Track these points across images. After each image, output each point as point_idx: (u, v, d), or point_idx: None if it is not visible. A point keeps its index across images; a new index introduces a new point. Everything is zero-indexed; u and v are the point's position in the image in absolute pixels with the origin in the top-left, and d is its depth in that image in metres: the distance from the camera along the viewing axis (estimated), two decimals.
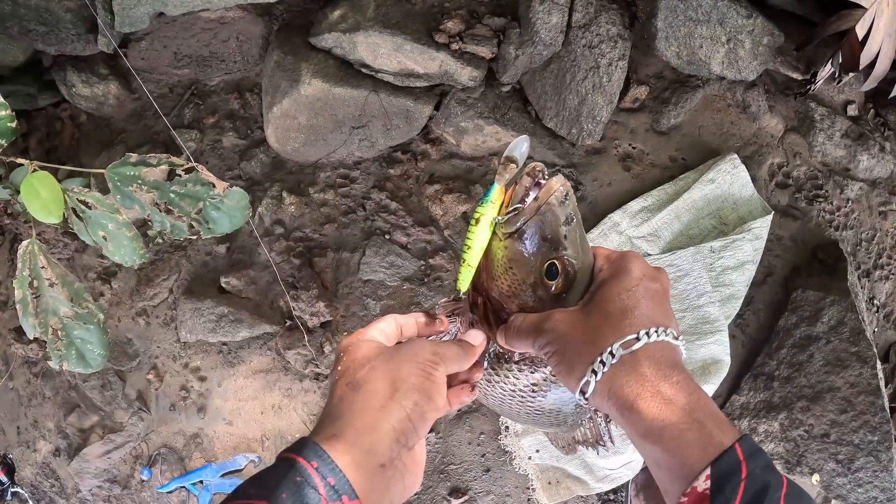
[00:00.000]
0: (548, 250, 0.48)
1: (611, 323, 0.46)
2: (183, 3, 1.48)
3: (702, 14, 1.41)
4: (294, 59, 1.43)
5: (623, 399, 0.44)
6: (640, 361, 0.45)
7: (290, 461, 0.40)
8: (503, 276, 0.51)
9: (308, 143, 1.47)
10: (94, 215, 0.95)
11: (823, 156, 1.59)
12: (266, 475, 0.40)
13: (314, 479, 0.39)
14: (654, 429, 0.43)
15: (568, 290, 0.50)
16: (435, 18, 1.40)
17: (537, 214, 0.48)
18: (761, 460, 0.40)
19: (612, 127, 1.48)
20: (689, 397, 0.43)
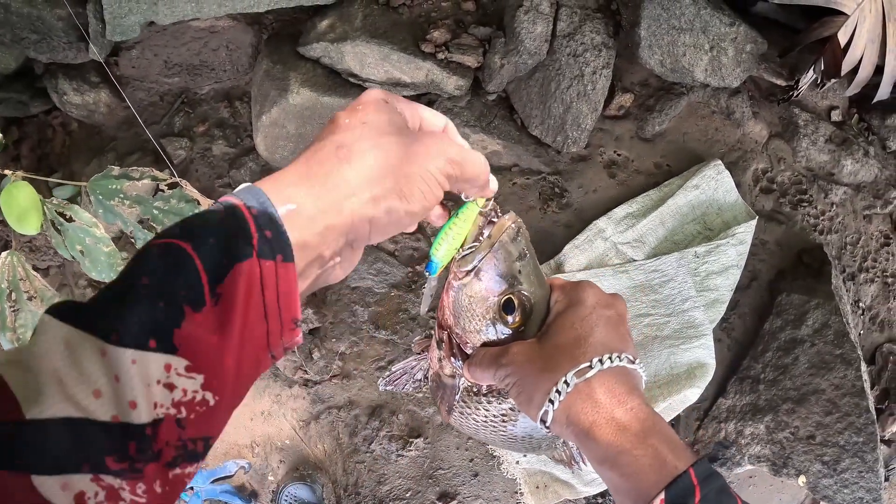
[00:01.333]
0: (504, 286, 0.50)
1: (565, 352, 0.47)
2: (173, 13, 1.49)
3: (685, 22, 1.43)
4: (283, 69, 1.44)
5: (579, 426, 0.45)
6: (595, 389, 0.46)
7: (229, 205, 0.33)
8: (464, 313, 0.53)
9: (297, 152, 1.48)
10: (72, 228, 0.94)
11: (808, 161, 1.61)
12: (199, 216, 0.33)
13: (250, 228, 0.32)
14: (610, 455, 0.43)
15: (525, 323, 0.51)
16: (422, 28, 1.41)
17: (491, 252, 0.50)
18: (716, 484, 0.41)
19: (597, 134, 1.50)
20: (644, 423, 0.44)
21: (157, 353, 0.29)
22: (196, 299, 0.30)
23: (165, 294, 0.30)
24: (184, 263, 0.30)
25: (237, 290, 0.31)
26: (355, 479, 1.46)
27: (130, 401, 0.28)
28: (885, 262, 1.67)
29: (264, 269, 0.32)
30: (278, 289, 0.33)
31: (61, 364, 0.28)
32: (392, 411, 1.46)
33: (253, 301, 0.32)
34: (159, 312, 0.29)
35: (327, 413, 1.47)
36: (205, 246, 0.31)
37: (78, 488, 0.26)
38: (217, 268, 0.31)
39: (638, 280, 1.41)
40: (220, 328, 0.31)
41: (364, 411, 1.46)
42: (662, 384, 1.37)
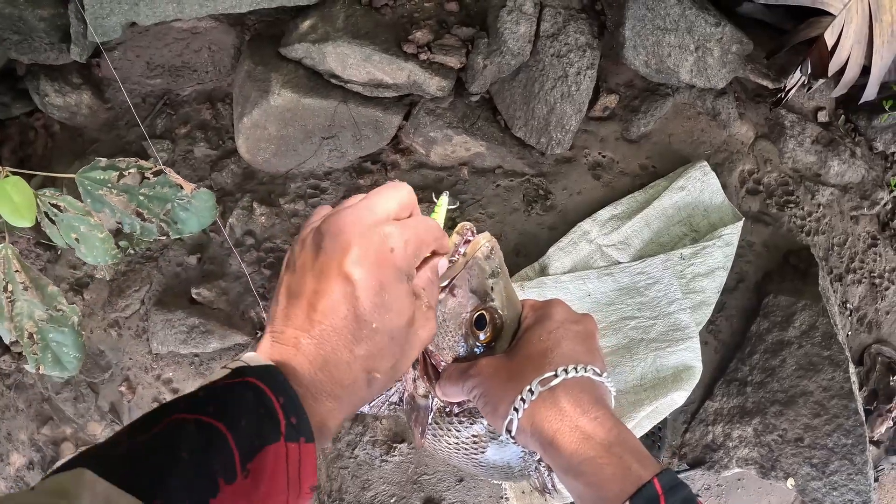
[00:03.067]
0: (476, 302, 0.52)
1: (532, 363, 0.48)
2: (155, 13, 1.48)
3: (670, 23, 1.42)
4: (264, 70, 1.42)
5: (543, 435, 0.45)
6: (559, 398, 0.46)
7: (256, 389, 0.37)
8: (438, 329, 0.53)
9: (278, 154, 1.47)
10: (66, 218, 0.98)
11: (794, 162, 1.61)
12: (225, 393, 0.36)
13: (278, 416, 0.37)
14: (574, 464, 0.43)
15: (496, 339, 0.53)
16: (404, 28, 1.40)
17: (465, 269, 0.51)
18: (681, 494, 0.41)
19: (582, 136, 1.49)
20: (609, 433, 0.44)
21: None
22: (229, 474, 0.35)
23: (203, 469, 0.34)
24: (219, 442, 0.35)
25: (265, 468, 0.36)
26: (339, 485, 1.44)
27: None
28: (873, 263, 1.67)
29: (290, 451, 0.37)
30: (300, 466, 0.37)
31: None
32: (375, 416, 1.44)
33: (278, 477, 0.37)
34: (198, 485, 0.33)
35: None
36: (237, 428, 0.35)
37: None
38: (249, 448, 0.35)
39: (623, 282, 1.39)
40: (248, 498, 0.35)
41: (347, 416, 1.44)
42: (649, 387, 1.36)
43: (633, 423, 1.32)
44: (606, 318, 1.39)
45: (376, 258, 0.39)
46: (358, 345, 0.39)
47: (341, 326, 0.39)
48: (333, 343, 0.39)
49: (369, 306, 0.39)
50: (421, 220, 0.44)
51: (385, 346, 0.40)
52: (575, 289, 1.38)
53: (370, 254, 0.39)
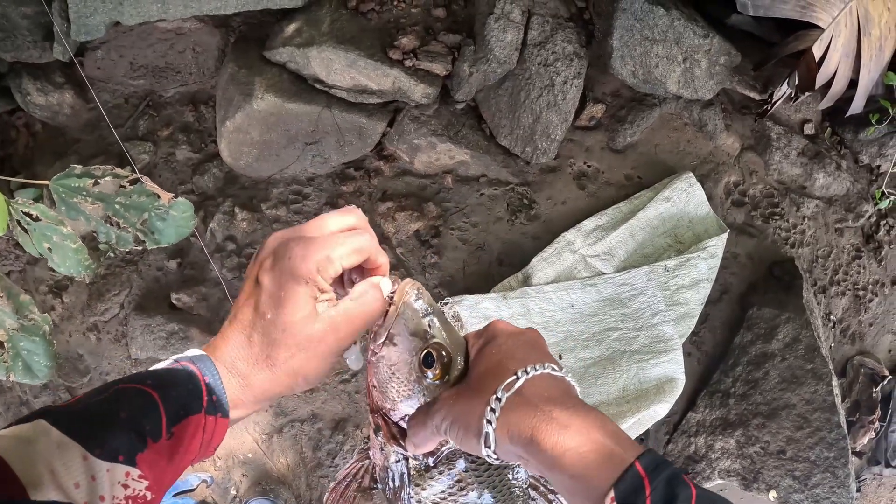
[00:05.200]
0: (418, 343, 0.52)
1: (490, 376, 0.48)
2: (139, 13, 1.46)
3: (658, 33, 1.42)
4: (248, 73, 1.41)
5: (522, 436, 0.45)
6: (528, 398, 0.46)
7: (191, 373, 0.46)
8: (388, 384, 0.54)
9: (261, 159, 1.45)
10: (39, 227, 0.96)
11: (780, 174, 1.61)
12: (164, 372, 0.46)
13: (202, 393, 0.46)
14: (557, 456, 0.43)
15: (448, 372, 0.53)
16: (390, 34, 1.39)
17: (399, 316, 0.52)
18: (665, 473, 0.40)
19: (568, 145, 1.48)
20: (585, 419, 0.44)
21: (123, 465, 0.41)
22: (156, 434, 0.43)
23: (136, 427, 0.42)
24: (152, 407, 0.44)
25: (186, 432, 0.45)
26: (319, 494, 1.43)
27: (101, 495, 0.40)
28: (857, 275, 1.67)
29: (207, 422, 0.46)
30: (213, 434, 0.47)
31: (56, 462, 0.39)
32: (356, 425, 1.43)
33: (195, 440, 0.46)
34: (130, 441, 0.42)
35: (290, 426, 1.43)
36: (168, 398, 0.44)
37: None
38: (175, 415, 0.44)
39: (607, 293, 1.39)
40: (169, 456, 0.44)
41: (327, 425, 1.43)
42: (631, 399, 1.35)
43: None
44: (589, 329, 1.38)
45: (279, 263, 0.47)
46: (255, 333, 0.47)
47: (247, 321, 0.47)
48: (241, 334, 0.47)
49: (266, 302, 0.47)
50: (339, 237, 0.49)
51: (279, 337, 0.46)
52: (558, 299, 1.38)
53: (275, 262, 0.47)
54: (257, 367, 0.47)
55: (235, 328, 0.48)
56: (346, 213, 0.51)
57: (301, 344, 0.47)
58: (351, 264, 0.49)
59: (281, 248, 0.47)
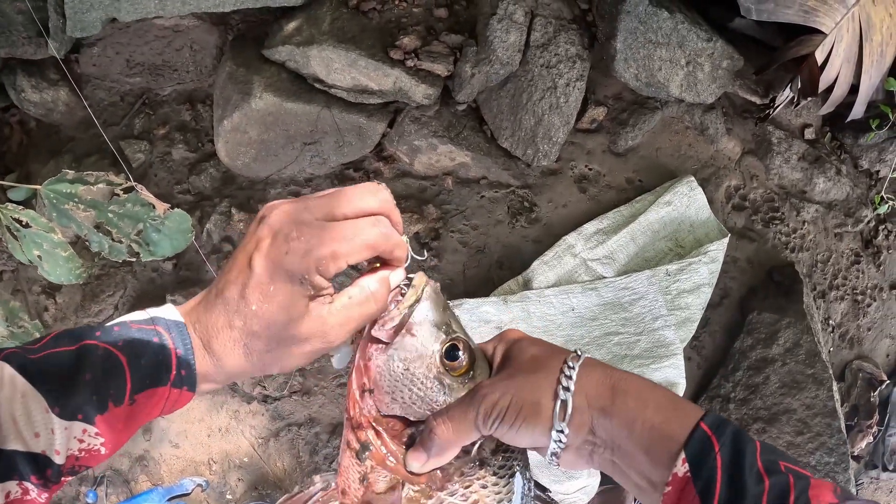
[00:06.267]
0: (441, 334, 0.47)
1: (543, 358, 0.47)
2: (136, 10, 1.43)
3: (661, 36, 1.41)
4: (246, 72, 1.39)
5: (604, 394, 0.44)
6: (594, 366, 0.46)
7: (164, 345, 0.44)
8: (399, 383, 0.46)
9: (259, 159, 1.43)
10: (29, 234, 0.93)
11: (780, 178, 1.60)
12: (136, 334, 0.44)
13: (172, 366, 0.44)
14: (640, 407, 0.43)
15: (472, 368, 0.48)
16: (391, 34, 1.37)
17: (419, 303, 0.46)
18: (730, 429, 0.41)
19: (569, 148, 1.47)
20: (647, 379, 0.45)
21: (81, 423, 0.42)
22: (118, 399, 0.43)
23: (99, 390, 0.42)
24: (118, 372, 0.43)
25: (149, 401, 0.44)
26: None
27: (56, 449, 0.41)
28: (856, 280, 1.67)
29: (171, 394, 0.45)
30: (175, 403, 0.46)
31: (19, 411, 0.40)
32: None
33: (156, 409, 0.45)
34: (91, 403, 0.42)
35: (287, 430, 1.42)
36: (136, 366, 0.43)
37: (8, 489, 0.40)
38: (141, 384, 0.43)
39: (608, 297, 1.38)
40: (127, 420, 0.44)
41: (325, 429, 1.41)
42: None
43: None
44: (590, 333, 1.37)
45: (275, 257, 0.42)
46: (237, 318, 0.44)
47: (232, 301, 0.44)
48: (223, 314, 0.45)
49: (254, 290, 0.43)
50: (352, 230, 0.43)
51: (260, 329, 0.43)
52: (559, 303, 1.36)
53: (272, 251, 0.43)
54: (233, 352, 0.44)
55: (219, 306, 0.44)
56: (369, 192, 0.44)
57: (283, 341, 0.44)
58: (360, 260, 0.44)
59: (282, 233, 0.42)
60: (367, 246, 0.43)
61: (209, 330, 0.45)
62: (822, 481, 0.40)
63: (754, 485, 0.39)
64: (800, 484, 0.39)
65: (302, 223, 0.42)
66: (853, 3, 1.46)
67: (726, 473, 0.40)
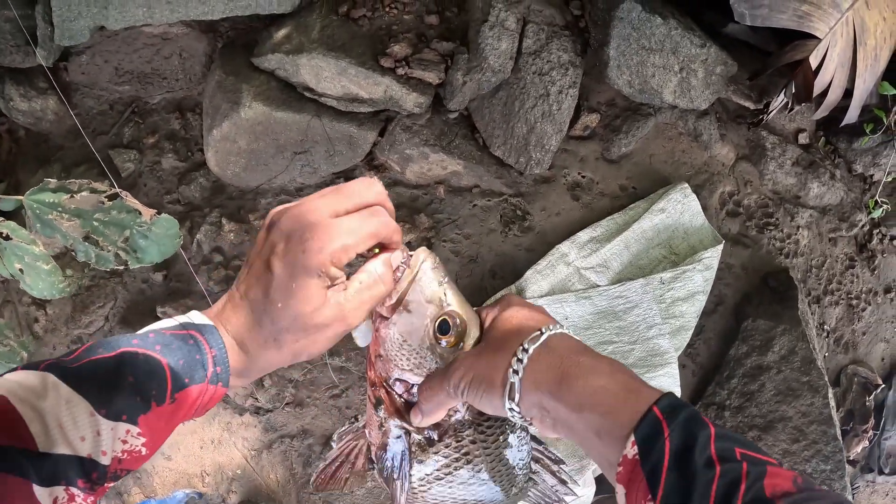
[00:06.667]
0: (434, 310, 0.52)
1: (512, 334, 0.50)
2: (124, 18, 1.42)
3: (655, 43, 1.40)
4: (235, 80, 1.37)
5: (551, 380, 0.46)
6: (553, 348, 0.48)
7: (200, 345, 0.48)
8: (399, 352, 0.53)
9: (249, 168, 1.42)
10: (10, 247, 0.91)
11: (774, 184, 1.60)
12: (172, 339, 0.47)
13: (208, 364, 0.47)
14: (587, 394, 0.44)
15: (462, 340, 0.53)
16: (382, 41, 1.36)
17: (414, 281, 0.51)
18: (683, 414, 0.41)
19: (562, 155, 1.46)
20: (610, 364, 0.46)
21: (125, 423, 0.44)
22: (160, 398, 0.46)
23: (142, 391, 0.45)
24: (159, 373, 0.46)
25: (188, 399, 0.47)
26: None
27: (103, 450, 0.43)
28: (850, 285, 1.67)
29: (209, 390, 0.48)
30: (210, 400, 0.49)
31: (65, 417, 0.42)
32: None
33: (194, 406, 0.48)
34: (135, 404, 0.44)
35: (280, 442, 1.41)
36: (175, 366, 0.46)
37: (55, 494, 0.41)
38: (180, 383, 0.46)
39: (601, 306, 1.37)
40: (168, 418, 0.47)
41: (318, 440, 1.40)
42: None
43: None
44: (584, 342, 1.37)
45: (293, 256, 0.46)
46: (266, 317, 0.48)
47: (258, 303, 0.48)
48: (251, 315, 0.48)
49: (277, 290, 0.47)
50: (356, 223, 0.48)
51: (289, 323, 0.47)
52: (552, 312, 1.35)
53: (289, 252, 0.46)
54: (264, 348, 0.49)
55: (245, 307, 0.48)
56: (364, 187, 0.49)
57: (309, 330, 0.48)
58: (366, 248, 0.49)
59: (295, 234, 0.46)
60: (371, 235, 0.48)
61: (240, 330, 0.49)
62: (782, 469, 0.39)
63: (704, 471, 0.39)
64: (755, 471, 0.38)
65: (312, 224, 0.46)
66: (847, 7, 1.45)
67: (674, 458, 0.40)
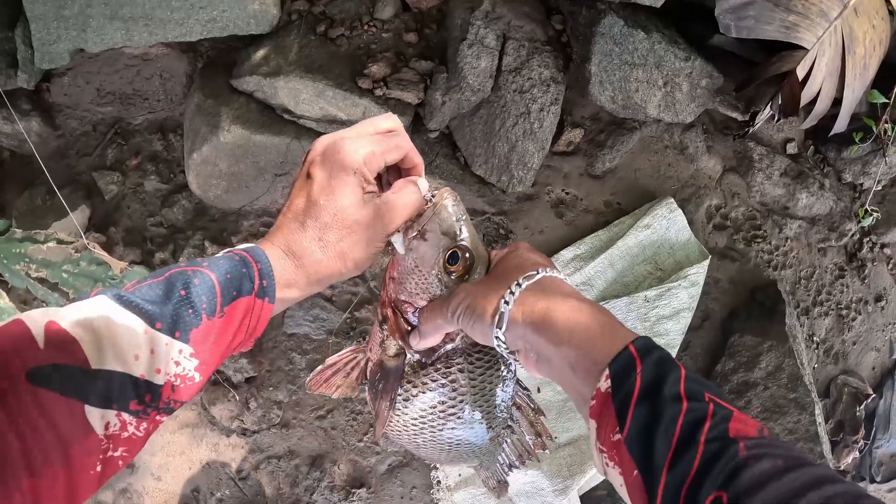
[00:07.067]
0: (448, 242, 0.56)
1: (512, 270, 0.54)
2: (103, 40, 1.42)
3: (637, 57, 1.38)
4: (215, 103, 1.37)
5: (535, 315, 0.49)
6: (545, 287, 0.51)
7: (244, 258, 0.49)
8: (410, 276, 0.57)
9: (230, 191, 1.41)
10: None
11: (762, 195, 1.58)
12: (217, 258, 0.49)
13: (255, 277, 0.48)
14: (568, 330, 0.47)
15: (468, 273, 0.57)
16: (360, 61, 1.35)
17: (434, 214, 0.56)
18: (656, 355, 0.44)
19: (545, 172, 1.45)
20: (594, 306, 0.49)
21: (178, 341, 0.44)
22: (211, 310, 0.46)
23: (194, 304, 0.45)
24: (208, 285, 0.46)
25: (236, 313, 0.47)
26: None
27: (157, 368, 0.43)
28: (840, 295, 1.65)
29: (256, 305, 0.49)
30: (259, 320, 0.50)
31: (118, 334, 0.41)
32: (333, 461, 1.41)
33: (243, 324, 0.48)
34: (188, 316, 0.44)
35: (267, 463, 1.41)
36: (223, 279, 0.47)
37: (107, 419, 0.41)
38: (229, 295, 0.47)
39: None
40: (218, 335, 0.46)
41: (304, 461, 1.40)
42: None
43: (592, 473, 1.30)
44: None
45: (330, 158, 0.51)
46: (308, 219, 0.50)
47: (301, 209, 0.51)
48: (295, 221, 0.51)
49: (318, 190, 0.51)
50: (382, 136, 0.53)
51: (330, 221, 0.50)
52: None
53: (327, 159, 0.51)
54: (310, 249, 0.51)
55: (289, 217, 0.52)
56: (385, 118, 0.55)
57: (350, 227, 0.51)
58: (393, 160, 0.54)
59: (331, 146, 0.52)
60: (397, 146, 0.53)
61: (287, 238, 0.51)
62: (748, 418, 0.40)
63: (670, 406, 0.40)
64: (721, 412, 0.40)
65: (345, 137, 0.52)
66: (836, 16, 1.43)
67: (644, 392, 0.42)
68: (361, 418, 1.41)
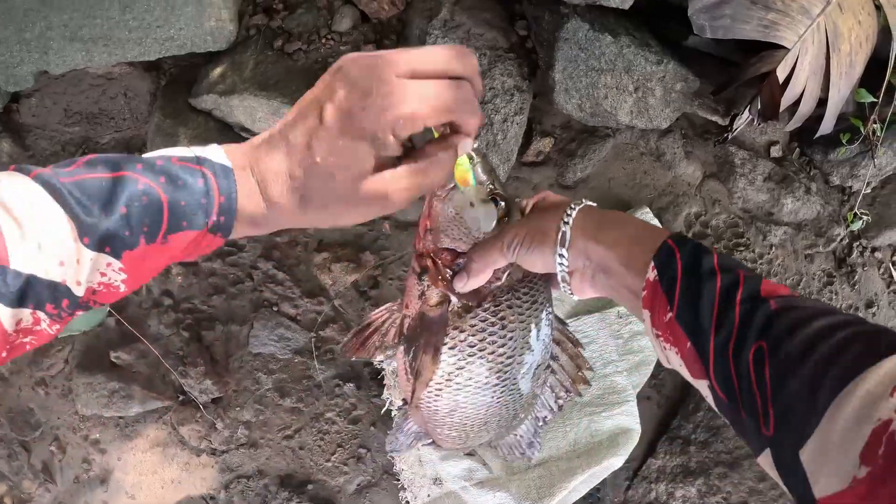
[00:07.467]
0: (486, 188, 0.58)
1: (555, 206, 0.60)
2: (65, 62, 1.42)
3: (605, 63, 1.32)
4: (173, 123, 1.35)
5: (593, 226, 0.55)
6: (591, 209, 0.57)
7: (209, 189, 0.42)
8: (452, 223, 0.59)
9: None
10: None
11: (745, 202, 1.52)
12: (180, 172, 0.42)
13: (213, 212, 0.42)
14: (618, 235, 0.54)
15: (508, 215, 0.61)
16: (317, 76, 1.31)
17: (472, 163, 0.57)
18: (691, 244, 0.51)
19: (513, 183, 1.41)
20: (633, 218, 0.57)
21: (108, 256, 0.40)
22: (152, 236, 0.41)
23: (133, 227, 0.40)
24: (155, 211, 0.41)
25: (180, 242, 0.42)
26: None
27: (78, 280, 0.40)
28: (829, 302, 1.58)
29: (206, 238, 0.44)
30: (205, 248, 0.45)
31: (45, 236, 0.38)
32: (302, 481, 1.39)
33: (185, 250, 0.43)
34: (123, 237, 0.40)
35: (236, 482, 1.41)
36: (176, 206, 0.41)
37: (20, 317, 0.39)
38: (176, 225, 0.41)
39: None
40: (155, 260, 0.42)
41: (273, 481, 1.39)
42: (582, 453, 1.30)
43: (566, 493, 1.27)
44: None
45: (350, 111, 0.40)
46: (298, 169, 0.42)
47: (295, 147, 0.42)
48: (284, 159, 0.42)
49: (322, 143, 0.41)
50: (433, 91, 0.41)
51: (322, 184, 0.42)
52: None
53: (347, 104, 0.40)
54: (288, 200, 0.43)
55: (282, 150, 0.42)
56: (458, 55, 0.43)
57: (342, 199, 0.43)
58: (435, 124, 0.43)
59: (359, 86, 0.40)
60: (446, 109, 0.42)
61: (267, 175, 0.43)
62: (778, 284, 0.46)
63: (708, 279, 0.47)
64: (752, 278, 0.46)
65: (382, 79, 0.40)
66: (818, 13, 1.36)
67: (685, 272, 0.48)
68: (329, 438, 1.39)
